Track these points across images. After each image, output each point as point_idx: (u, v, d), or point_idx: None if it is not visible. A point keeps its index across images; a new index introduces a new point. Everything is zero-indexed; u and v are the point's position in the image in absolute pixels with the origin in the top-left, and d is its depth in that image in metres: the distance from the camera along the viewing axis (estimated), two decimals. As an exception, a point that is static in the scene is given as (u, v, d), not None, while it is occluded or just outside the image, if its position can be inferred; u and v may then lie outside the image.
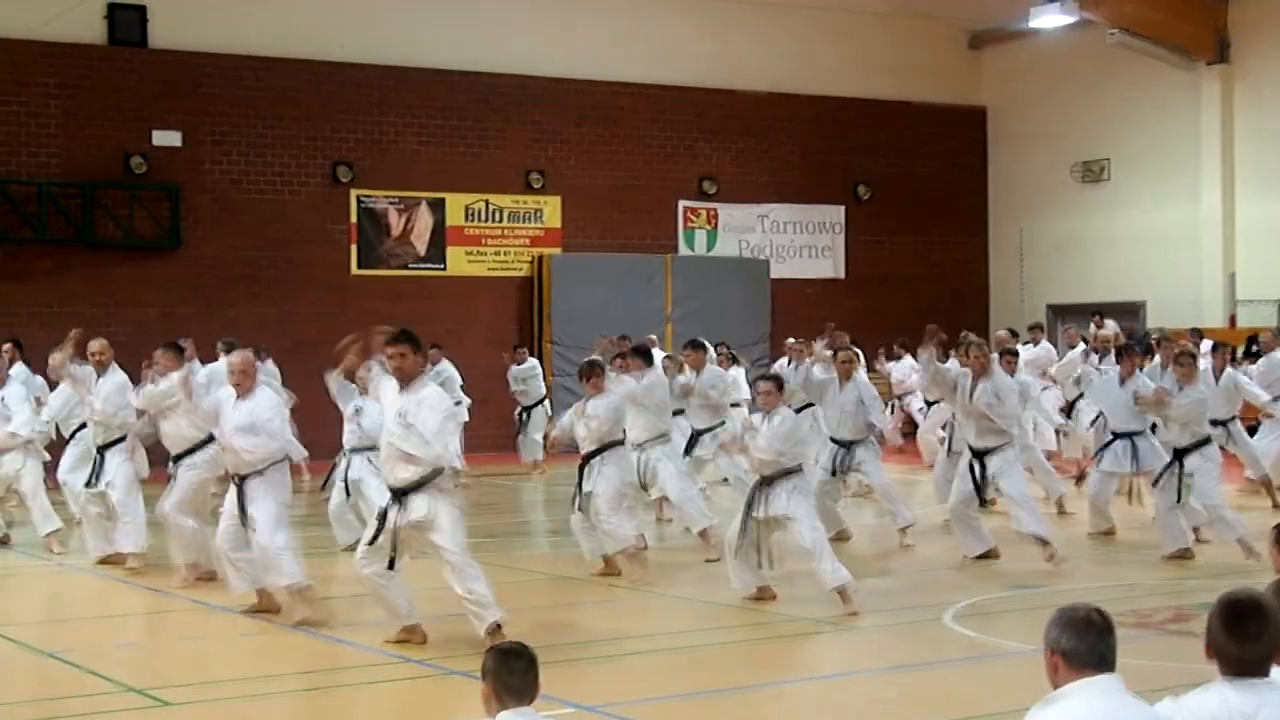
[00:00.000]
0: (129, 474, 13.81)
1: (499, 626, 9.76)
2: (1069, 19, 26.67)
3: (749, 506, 11.37)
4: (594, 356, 13.92)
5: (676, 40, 28.32)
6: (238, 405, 11.11)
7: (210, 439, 12.39)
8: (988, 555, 13.59)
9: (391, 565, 9.83)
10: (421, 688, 9.25)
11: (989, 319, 30.05)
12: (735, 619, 11.18)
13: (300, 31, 25.34)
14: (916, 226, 30.61)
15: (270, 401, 11.23)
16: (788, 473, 11.28)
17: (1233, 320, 26.82)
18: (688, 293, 27.19)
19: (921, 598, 11.94)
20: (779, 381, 11.76)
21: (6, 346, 17.04)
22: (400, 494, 9.77)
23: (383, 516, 9.85)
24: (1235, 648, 4.26)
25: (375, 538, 9.89)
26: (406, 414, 9.64)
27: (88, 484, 13.90)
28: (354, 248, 25.85)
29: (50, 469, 15.70)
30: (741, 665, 9.95)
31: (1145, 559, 13.54)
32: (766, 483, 11.31)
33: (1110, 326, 23.08)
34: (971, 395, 13.50)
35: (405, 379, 9.77)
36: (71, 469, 15.03)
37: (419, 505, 9.71)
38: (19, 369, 16.72)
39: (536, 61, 27.14)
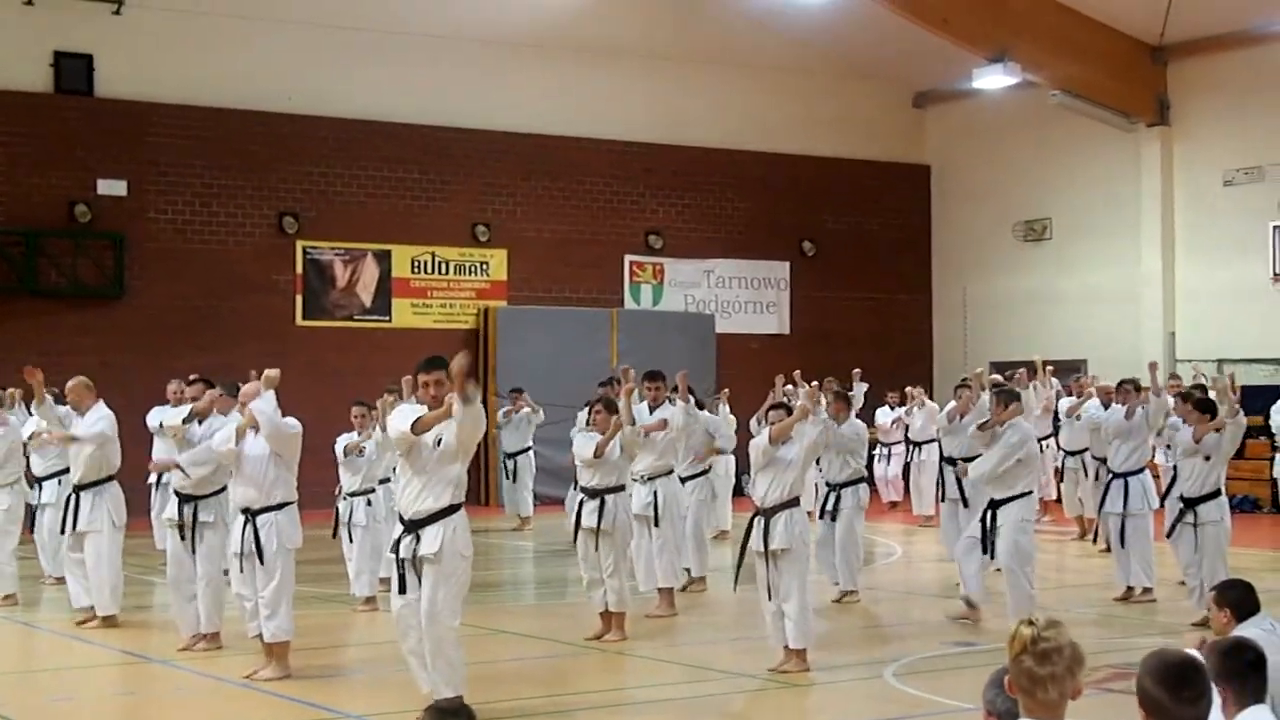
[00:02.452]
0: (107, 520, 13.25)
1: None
2: (1011, 80, 26.97)
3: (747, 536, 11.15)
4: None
5: (625, 95, 28.47)
6: (257, 439, 10.91)
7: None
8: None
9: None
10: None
11: (933, 375, 30.24)
12: (679, 675, 11.16)
13: (248, 82, 25.33)
14: (862, 282, 30.79)
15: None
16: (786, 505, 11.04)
17: (1174, 378, 27.03)
18: (633, 346, 27.20)
19: (863, 653, 11.97)
20: (789, 410, 11.45)
21: None
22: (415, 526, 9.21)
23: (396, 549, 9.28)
24: (1180, 709, 4.30)
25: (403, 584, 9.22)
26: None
27: (62, 529, 13.50)
28: (299, 298, 25.78)
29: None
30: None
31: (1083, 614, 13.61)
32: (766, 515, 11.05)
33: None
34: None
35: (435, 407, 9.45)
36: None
37: (431, 538, 9.14)
38: None
39: (485, 115, 27.21)
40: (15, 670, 12.12)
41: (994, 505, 13.07)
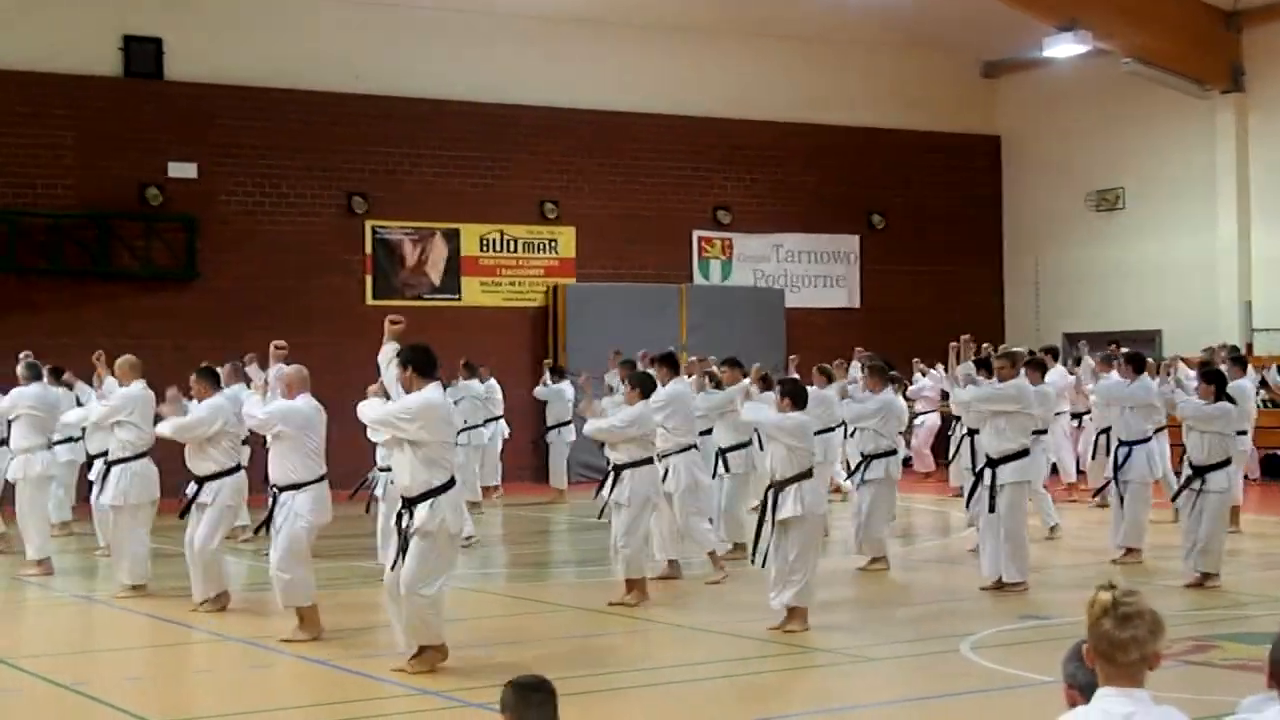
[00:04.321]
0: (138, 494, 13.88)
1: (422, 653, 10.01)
2: (1083, 48, 26.64)
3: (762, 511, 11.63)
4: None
5: (692, 70, 28.36)
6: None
7: (237, 468, 12.69)
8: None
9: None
10: (438, 720, 9.23)
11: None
12: (753, 650, 11.12)
13: (316, 63, 25.42)
14: (931, 256, 30.58)
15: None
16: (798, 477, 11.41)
17: (1249, 348, 26.73)
18: (702, 322, 27.15)
19: (938, 628, 11.91)
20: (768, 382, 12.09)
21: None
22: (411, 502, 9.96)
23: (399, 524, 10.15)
24: None
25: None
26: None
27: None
28: (369, 278, 25.87)
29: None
30: (758, 696, 9.89)
31: (1168, 586, 13.49)
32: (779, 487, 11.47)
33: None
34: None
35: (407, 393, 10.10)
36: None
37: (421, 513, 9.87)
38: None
39: (552, 92, 27.19)
40: (96, 648, 12.24)
41: (992, 464, 13.51)
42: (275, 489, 11.49)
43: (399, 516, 10.07)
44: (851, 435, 17.21)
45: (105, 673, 10.77)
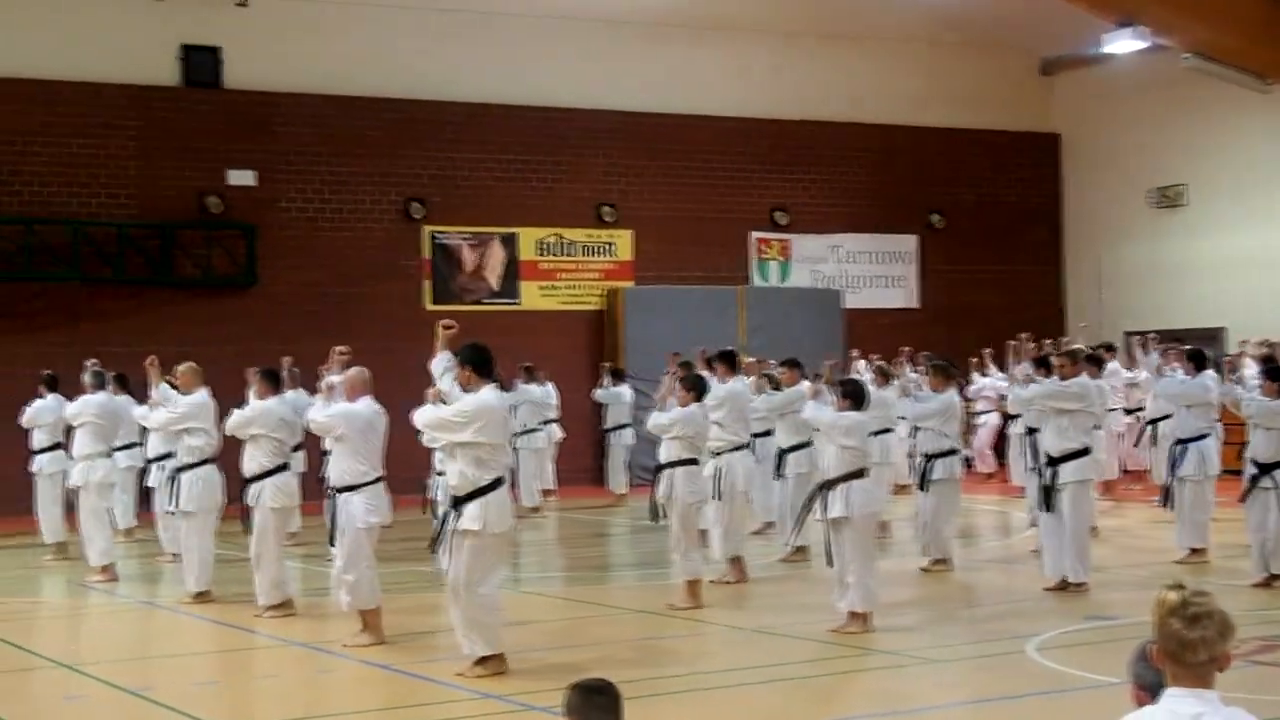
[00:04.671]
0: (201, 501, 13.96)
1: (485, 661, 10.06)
2: (1142, 44, 26.40)
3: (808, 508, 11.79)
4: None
5: (748, 71, 28.30)
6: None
7: (282, 467, 12.78)
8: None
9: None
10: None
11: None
12: (818, 652, 11.08)
13: (372, 69, 25.52)
14: (991, 255, 30.40)
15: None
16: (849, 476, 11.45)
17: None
18: (761, 324, 27.09)
19: (1002, 629, 11.83)
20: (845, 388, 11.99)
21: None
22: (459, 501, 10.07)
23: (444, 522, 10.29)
24: None
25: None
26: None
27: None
28: (428, 283, 25.95)
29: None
30: (821, 699, 9.86)
31: (1235, 585, 13.35)
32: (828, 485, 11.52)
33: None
34: None
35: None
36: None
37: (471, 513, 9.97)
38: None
39: (608, 95, 27.21)
40: (160, 653, 12.31)
41: (1052, 462, 13.45)
42: (333, 491, 11.54)
43: (444, 517, 10.18)
44: (912, 435, 17.12)
45: (171, 678, 10.83)
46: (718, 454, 14.14)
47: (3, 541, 19.42)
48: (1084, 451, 13.51)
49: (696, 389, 13.33)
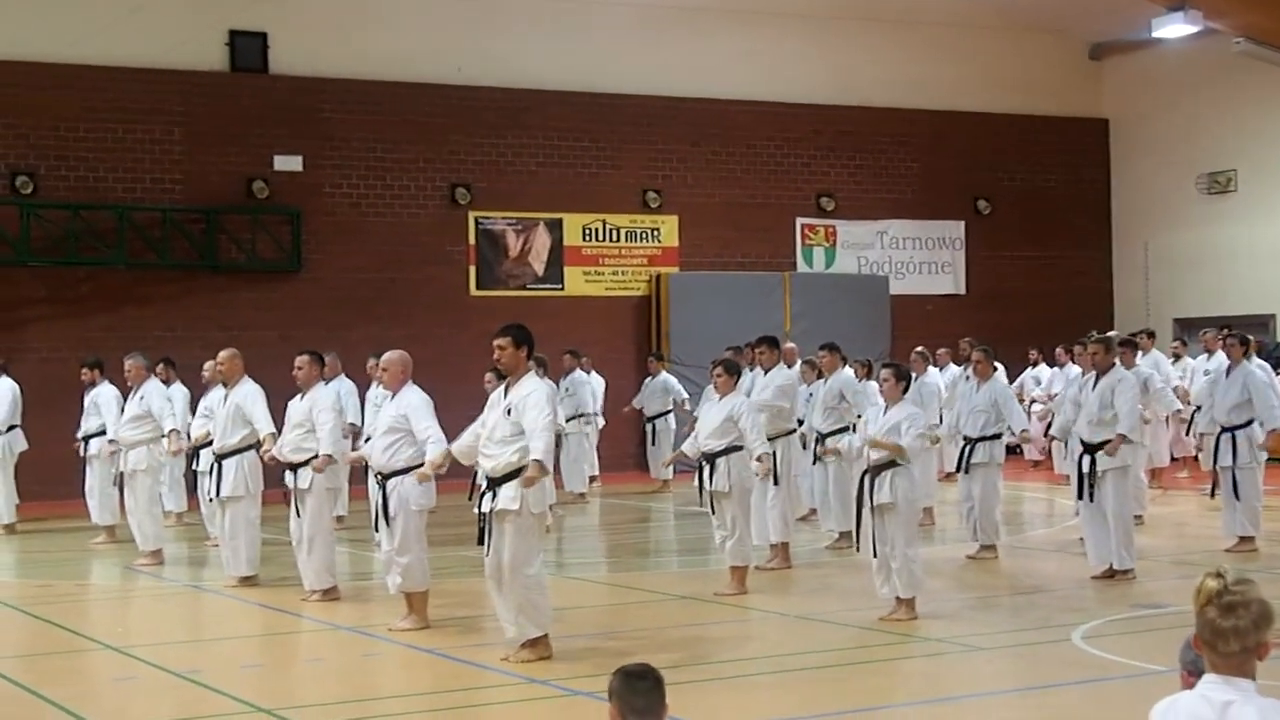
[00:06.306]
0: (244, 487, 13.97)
1: (535, 643, 10.10)
2: (1192, 28, 26.21)
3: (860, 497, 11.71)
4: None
5: (793, 57, 28.20)
6: (386, 406, 11.97)
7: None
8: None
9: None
10: (548, 709, 9.22)
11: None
12: (861, 639, 11.04)
13: (418, 55, 25.54)
14: (1038, 241, 30.23)
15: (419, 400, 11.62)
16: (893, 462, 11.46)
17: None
18: (806, 310, 27.02)
19: (1047, 617, 11.77)
20: (899, 370, 11.90)
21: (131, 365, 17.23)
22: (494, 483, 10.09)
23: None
24: None
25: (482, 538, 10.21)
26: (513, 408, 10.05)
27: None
28: (472, 269, 25.98)
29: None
30: (866, 686, 9.82)
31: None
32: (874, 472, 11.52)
33: None
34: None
35: (507, 372, 10.19)
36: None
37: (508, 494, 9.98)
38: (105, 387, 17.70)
39: (652, 80, 27.15)
40: (208, 636, 12.38)
41: (1089, 450, 13.42)
42: (380, 477, 11.58)
43: (481, 498, 10.19)
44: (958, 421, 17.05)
45: (219, 661, 10.88)
46: (770, 439, 14.11)
47: (53, 524, 19.58)
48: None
49: (738, 372, 13.46)
